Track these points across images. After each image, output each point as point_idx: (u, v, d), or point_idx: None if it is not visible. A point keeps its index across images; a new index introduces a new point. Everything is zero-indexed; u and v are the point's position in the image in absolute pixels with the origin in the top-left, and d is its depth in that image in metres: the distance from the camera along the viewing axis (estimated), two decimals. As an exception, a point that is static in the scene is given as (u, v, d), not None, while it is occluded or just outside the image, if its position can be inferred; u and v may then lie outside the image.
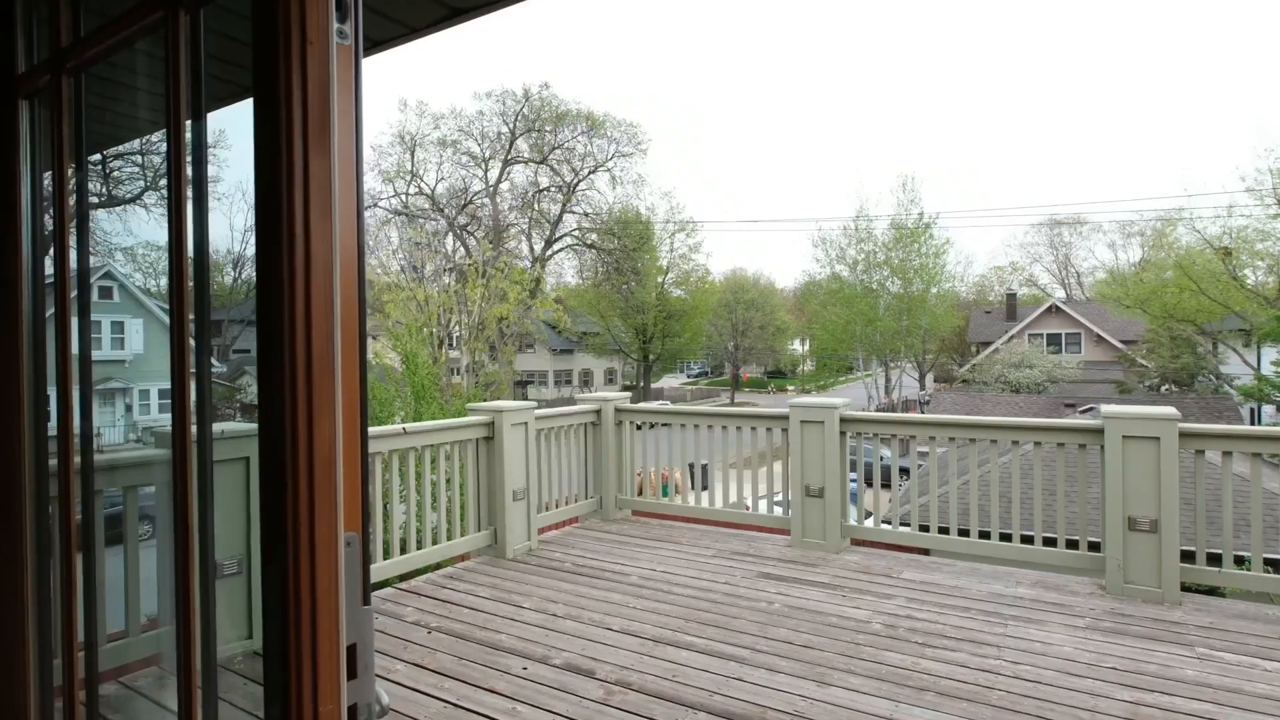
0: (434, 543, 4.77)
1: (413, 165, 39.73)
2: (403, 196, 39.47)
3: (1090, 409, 20.33)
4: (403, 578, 4.64)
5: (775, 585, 4.50)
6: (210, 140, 1.14)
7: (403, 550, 4.56)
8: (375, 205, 38.73)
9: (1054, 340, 42.38)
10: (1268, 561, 4.20)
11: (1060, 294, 58.42)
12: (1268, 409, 25.47)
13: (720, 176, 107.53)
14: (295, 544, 0.69)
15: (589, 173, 41.21)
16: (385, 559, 4.40)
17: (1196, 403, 21.88)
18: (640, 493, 6.32)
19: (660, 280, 45.14)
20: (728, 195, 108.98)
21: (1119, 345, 38.44)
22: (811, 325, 49.88)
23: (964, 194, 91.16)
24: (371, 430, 4.25)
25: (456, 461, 4.96)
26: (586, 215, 42.42)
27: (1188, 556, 4.25)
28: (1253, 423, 24.06)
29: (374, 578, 4.32)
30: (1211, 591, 4.39)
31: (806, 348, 67.03)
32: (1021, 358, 36.72)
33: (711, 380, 72.40)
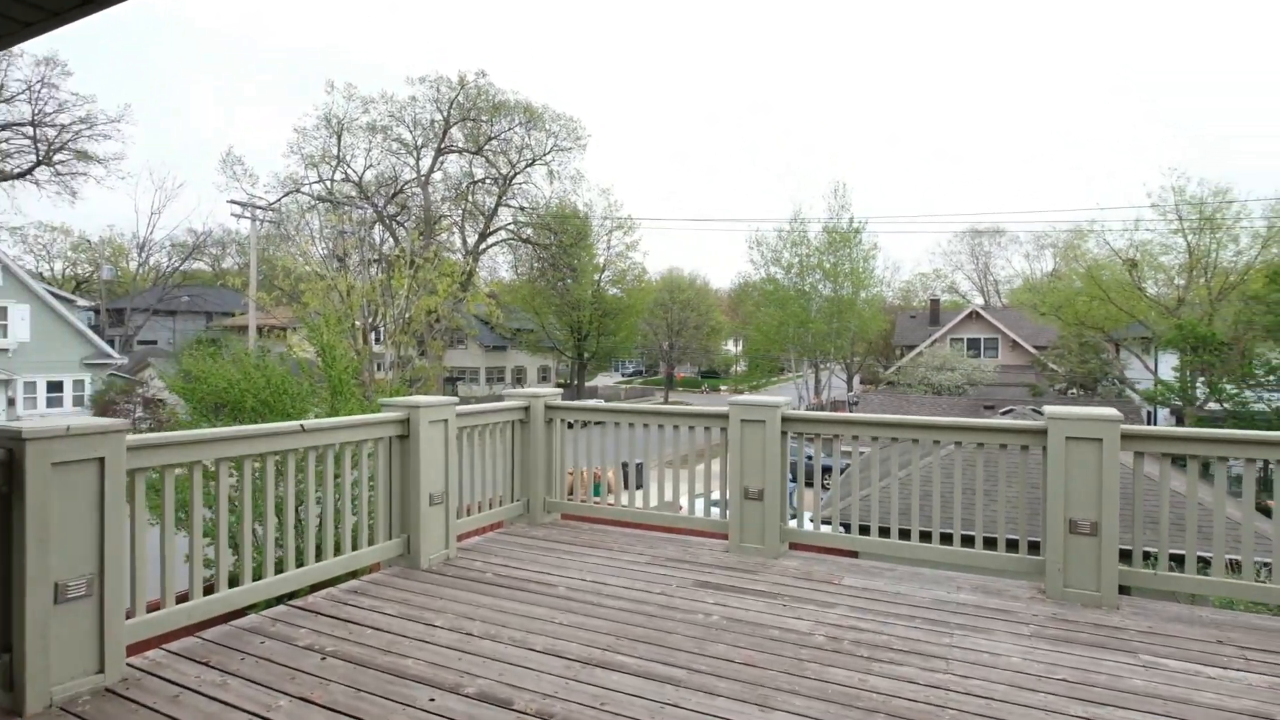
0: (337, 553, 4.26)
1: (339, 150, 38.00)
2: (328, 183, 37.69)
3: (1009, 410, 21.12)
4: (299, 593, 4.12)
5: (713, 595, 4.21)
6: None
7: (299, 563, 4.04)
8: (298, 190, 36.87)
9: (973, 345, 44.25)
10: (1200, 560, 4.18)
11: (979, 300, 61.19)
12: (1163, 412, 27.15)
13: (659, 175, 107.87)
14: None
15: (526, 166, 40.34)
16: (277, 573, 3.87)
17: (1101, 405, 23.08)
18: (571, 494, 5.95)
19: (596, 278, 44.67)
20: (666, 194, 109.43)
21: (1032, 350, 40.40)
22: (745, 326, 50.48)
23: (893, 201, 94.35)
24: (265, 428, 3.75)
25: (365, 462, 4.46)
26: (523, 209, 41.56)
27: (1123, 557, 4.19)
28: (1149, 425, 25.56)
29: (263, 594, 3.79)
30: (1124, 590, 4.32)
31: (740, 348, 67.87)
32: (943, 361, 38.11)
33: (646, 379, 72.45)
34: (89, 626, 2.92)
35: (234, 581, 3.74)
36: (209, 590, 3.57)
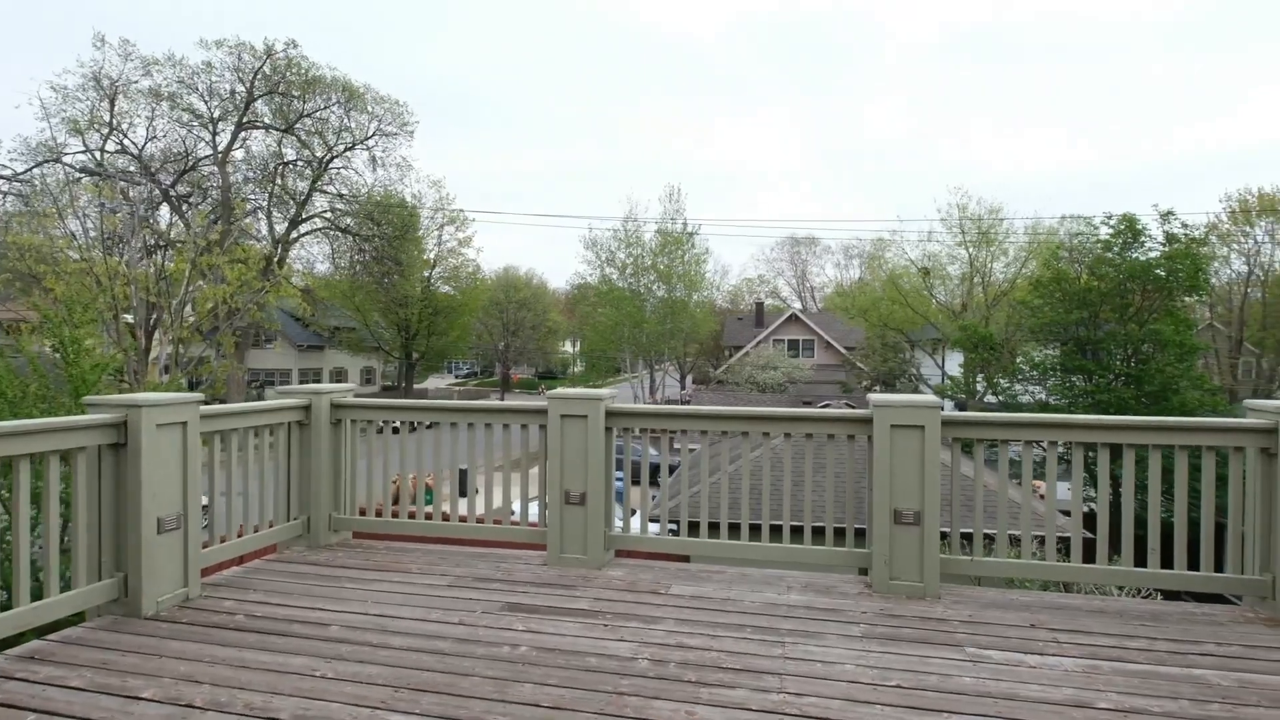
0: (5, 607, 3.13)
1: (112, 117, 32.57)
2: (96, 153, 32.17)
3: (826, 405, 22.55)
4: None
5: (524, 620, 3.60)
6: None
7: (-65, 626, 2.88)
8: (56, 160, 31.09)
9: (793, 345, 47.37)
10: (1011, 540, 4.25)
11: (798, 305, 65.86)
12: (949, 404, 30.54)
13: (494, 170, 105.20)
14: None
15: (345, 149, 37.06)
16: (-109, 645, 2.71)
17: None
18: (395, 507, 5.04)
19: (426, 274, 42.16)
20: (502, 190, 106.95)
21: (843, 350, 43.98)
22: (582, 326, 50.24)
23: (723, 207, 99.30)
24: None
25: (55, 481, 3.34)
26: (341, 196, 38.15)
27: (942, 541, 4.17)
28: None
29: None
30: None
31: (577, 349, 67.70)
32: (767, 360, 40.38)
33: (481, 380, 70.09)
34: None
35: None
36: None
